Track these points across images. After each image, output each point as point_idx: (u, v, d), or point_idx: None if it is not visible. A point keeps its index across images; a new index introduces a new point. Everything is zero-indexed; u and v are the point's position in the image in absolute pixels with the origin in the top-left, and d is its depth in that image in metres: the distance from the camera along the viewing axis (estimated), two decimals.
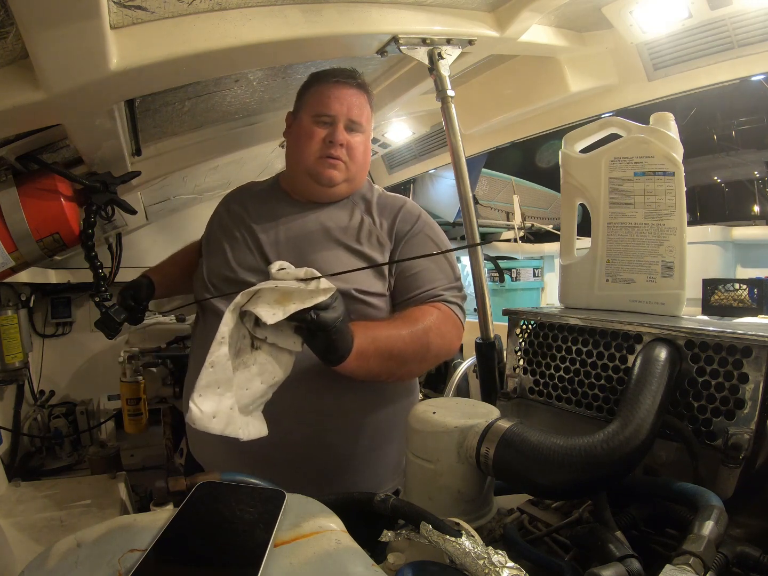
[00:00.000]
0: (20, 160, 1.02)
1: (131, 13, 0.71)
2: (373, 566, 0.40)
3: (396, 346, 0.84)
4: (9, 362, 1.87)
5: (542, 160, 4.98)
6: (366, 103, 1.01)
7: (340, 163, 0.98)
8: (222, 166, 1.86)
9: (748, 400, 0.56)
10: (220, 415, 0.54)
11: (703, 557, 0.42)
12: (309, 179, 0.99)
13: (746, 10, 1.18)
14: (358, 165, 1.00)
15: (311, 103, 0.99)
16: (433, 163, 2.27)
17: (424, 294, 0.95)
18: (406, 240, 0.99)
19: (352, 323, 0.76)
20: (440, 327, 0.91)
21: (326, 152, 0.97)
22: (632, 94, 1.47)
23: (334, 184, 0.99)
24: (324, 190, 1.00)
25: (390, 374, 0.88)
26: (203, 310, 1.02)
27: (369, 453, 0.96)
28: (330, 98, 0.97)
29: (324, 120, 0.97)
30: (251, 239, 0.98)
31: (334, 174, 0.98)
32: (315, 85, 1.00)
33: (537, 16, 1.11)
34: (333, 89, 0.97)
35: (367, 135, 1.03)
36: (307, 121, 0.98)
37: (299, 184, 1.02)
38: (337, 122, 0.97)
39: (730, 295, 1.19)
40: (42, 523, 1.38)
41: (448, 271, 0.99)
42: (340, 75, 0.99)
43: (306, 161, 0.98)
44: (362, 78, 1.02)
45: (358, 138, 0.99)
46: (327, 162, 0.97)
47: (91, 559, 0.38)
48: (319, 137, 0.97)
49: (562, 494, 0.58)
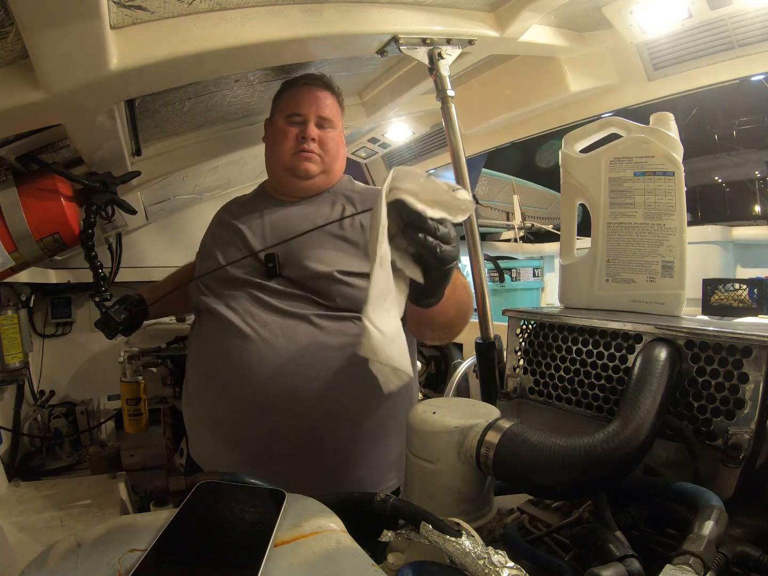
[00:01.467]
0: (20, 160, 1.02)
1: (131, 13, 0.71)
2: (373, 566, 0.40)
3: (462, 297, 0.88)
4: (9, 362, 1.87)
5: (542, 160, 4.98)
6: (334, 102, 1.08)
7: (314, 155, 1.03)
8: (222, 166, 1.86)
9: (748, 400, 0.56)
10: (398, 341, 0.39)
11: (703, 557, 0.42)
12: (287, 174, 1.05)
13: (746, 10, 1.18)
14: (331, 156, 1.06)
15: (283, 107, 1.06)
16: (433, 163, 2.26)
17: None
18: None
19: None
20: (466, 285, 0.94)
21: (300, 147, 1.03)
22: (632, 94, 1.47)
23: (311, 175, 1.04)
24: (302, 183, 1.05)
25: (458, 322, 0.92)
26: (199, 311, 1.02)
27: (368, 447, 0.96)
28: (299, 99, 1.04)
29: (295, 120, 1.04)
30: (238, 238, 1.02)
31: (309, 166, 1.03)
32: (286, 91, 1.08)
33: (537, 16, 1.11)
34: (302, 91, 1.05)
35: (339, 130, 1.09)
36: (281, 122, 1.05)
37: (279, 181, 1.08)
38: (308, 120, 1.03)
39: (730, 295, 1.19)
40: (42, 523, 1.38)
41: None
42: (308, 78, 1.07)
43: (283, 158, 1.04)
44: (330, 80, 1.10)
45: (330, 133, 1.05)
46: (302, 156, 1.03)
47: (91, 559, 0.38)
48: (293, 135, 1.03)
49: (562, 494, 0.58)
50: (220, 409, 0.93)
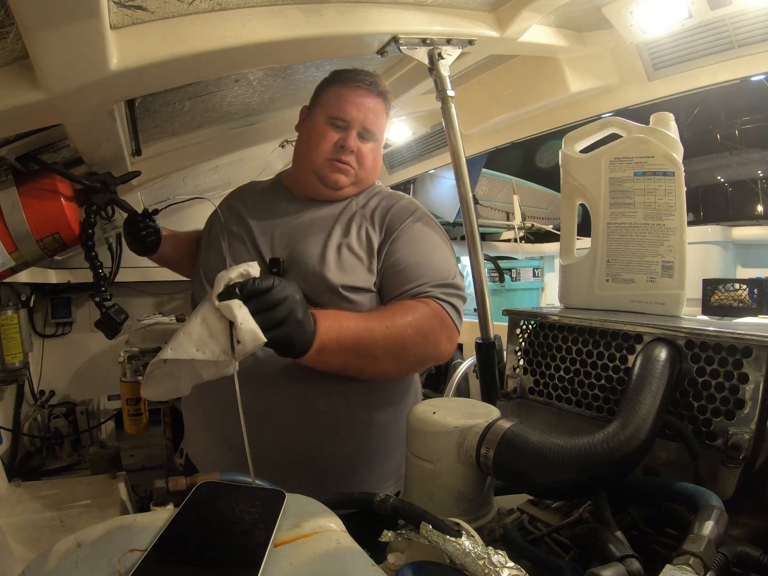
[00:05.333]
0: (20, 160, 1.02)
1: (131, 13, 0.71)
2: (373, 566, 0.40)
3: (364, 342, 0.78)
4: (9, 362, 1.87)
5: (542, 160, 4.98)
6: (383, 111, 1.01)
7: (349, 168, 0.97)
8: (222, 166, 1.86)
9: (748, 400, 0.56)
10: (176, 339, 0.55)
11: (703, 557, 0.42)
12: (315, 179, 0.98)
13: (746, 10, 1.18)
14: (367, 171, 1.00)
15: (328, 104, 0.98)
16: (433, 163, 2.26)
17: (412, 291, 0.89)
18: (398, 233, 0.94)
19: (318, 312, 0.73)
20: (422, 325, 0.83)
21: (336, 156, 0.96)
22: (632, 94, 1.47)
23: (340, 187, 0.98)
24: (328, 191, 0.99)
25: (358, 371, 0.83)
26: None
27: (363, 457, 0.94)
28: (348, 102, 0.96)
29: (338, 123, 0.96)
30: (247, 236, 0.98)
31: (341, 178, 0.97)
32: (335, 85, 0.99)
33: (537, 16, 1.11)
34: (352, 93, 0.96)
35: (379, 143, 1.02)
36: (322, 120, 0.97)
37: (303, 181, 1.01)
38: (351, 128, 0.96)
39: (730, 295, 1.19)
40: (42, 523, 1.38)
41: (440, 267, 0.92)
42: (362, 80, 0.97)
43: (314, 161, 0.97)
44: (384, 85, 1.01)
45: (369, 145, 0.99)
46: (335, 166, 0.96)
47: (91, 559, 0.38)
48: (332, 140, 0.96)
49: (562, 494, 0.58)
50: (217, 413, 0.92)
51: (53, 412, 2.26)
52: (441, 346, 0.89)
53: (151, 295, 2.71)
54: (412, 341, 0.82)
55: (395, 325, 0.81)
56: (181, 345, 0.55)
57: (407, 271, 0.91)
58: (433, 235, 0.98)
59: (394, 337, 0.81)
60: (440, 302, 0.88)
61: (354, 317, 0.79)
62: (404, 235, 0.94)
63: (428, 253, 0.94)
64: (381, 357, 0.81)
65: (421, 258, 0.92)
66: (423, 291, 0.89)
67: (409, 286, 0.89)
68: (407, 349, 0.83)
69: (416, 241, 0.94)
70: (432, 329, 0.86)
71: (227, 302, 0.56)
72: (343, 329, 0.76)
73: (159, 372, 0.59)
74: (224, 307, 0.56)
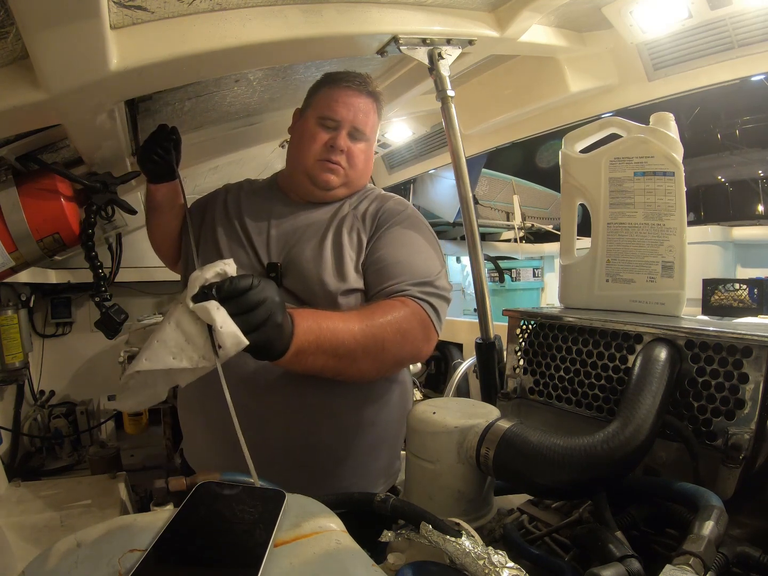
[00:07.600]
0: (20, 160, 1.02)
1: (131, 13, 0.71)
2: (373, 566, 0.40)
3: (343, 343, 0.76)
4: (9, 362, 1.87)
5: (542, 160, 4.98)
6: (373, 111, 1.00)
7: (340, 168, 0.97)
8: (222, 166, 1.86)
9: (748, 400, 0.56)
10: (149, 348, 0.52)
11: (703, 557, 0.42)
12: (306, 180, 0.99)
13: (746, 10, 1.18)
14: (357, 172, 1.00)
15: (319, 105, 0.99)
16: (433, 163, 2.26)
17: (389, 288, 0.88)
18: (382, 232, 0.95)
19: (296, 311, 0.72)
20: (401, 324, 0.82)
21: (326, 156, 0.96)
22: (632, 94, 1.47)
23: (331, 187, 0.98)
24: (320, 192, 0.99)
25: (336, 373, 0.81)
26: None
27: (361, 457, 0.95)
28: (338, 103, 0.96)
29: (328, 124, 0.96)
30: (245, 236, 0.98)
31: (331, 178, 0.97)
32: (325, 87, 1.00)
33: (537, 16, 1.11)
34: (342, 94, 0.97)
35: (370, 143, 1.02)
36: (312, 122, 0.98)
37: (296, 183, 1.02)
38: (341, 128, 0.96)
39: (730, 295, 1.19)
40: (42, 523, 1.38)
41: (421, 266, 0.91)
42: (352, 80, 0.98)
43: (305, 162, 0.97)
44: (374, 85, 1.01)
45: (360, 146, 0.99)
46: (326, 166, 0.96)
47: (91, 559, 0.38)
48: (322, 140, 0.96)
49: (562, 494, 0.58)
50: (214, 414, 0.92)
51: (53, 412, 2.26)
52: (421, 346, 0.88)
53: (151, 295, 2.71)
54: (391, 341, 0.81)
55: (375, 324, 0.80)
56: (156, 354, 0.51)
57: (387, 268, 0.91)
58: (418, 236, 0.97)
59: (373, 337, 0.79)
60: (418, 301, 0.87)
61: (333, 317, 0.78)
62: (388, 233, 0.94)
63: (411, 252, 0.93)
64: (360, 357, 0.79)
65: (403, 257, 0.92)
66: (401, 289, 0.88)
67: (388, 283, 0.89)
68: (387, 349, 0.81)
69: (400, 240, 0.94)
70: (411, 328, 0.85)
71: (203, 304, 0.52)
72: (322, 330, 0.74)
73: (133, 382, 0.55)
74: (200, 309, 0.52)
